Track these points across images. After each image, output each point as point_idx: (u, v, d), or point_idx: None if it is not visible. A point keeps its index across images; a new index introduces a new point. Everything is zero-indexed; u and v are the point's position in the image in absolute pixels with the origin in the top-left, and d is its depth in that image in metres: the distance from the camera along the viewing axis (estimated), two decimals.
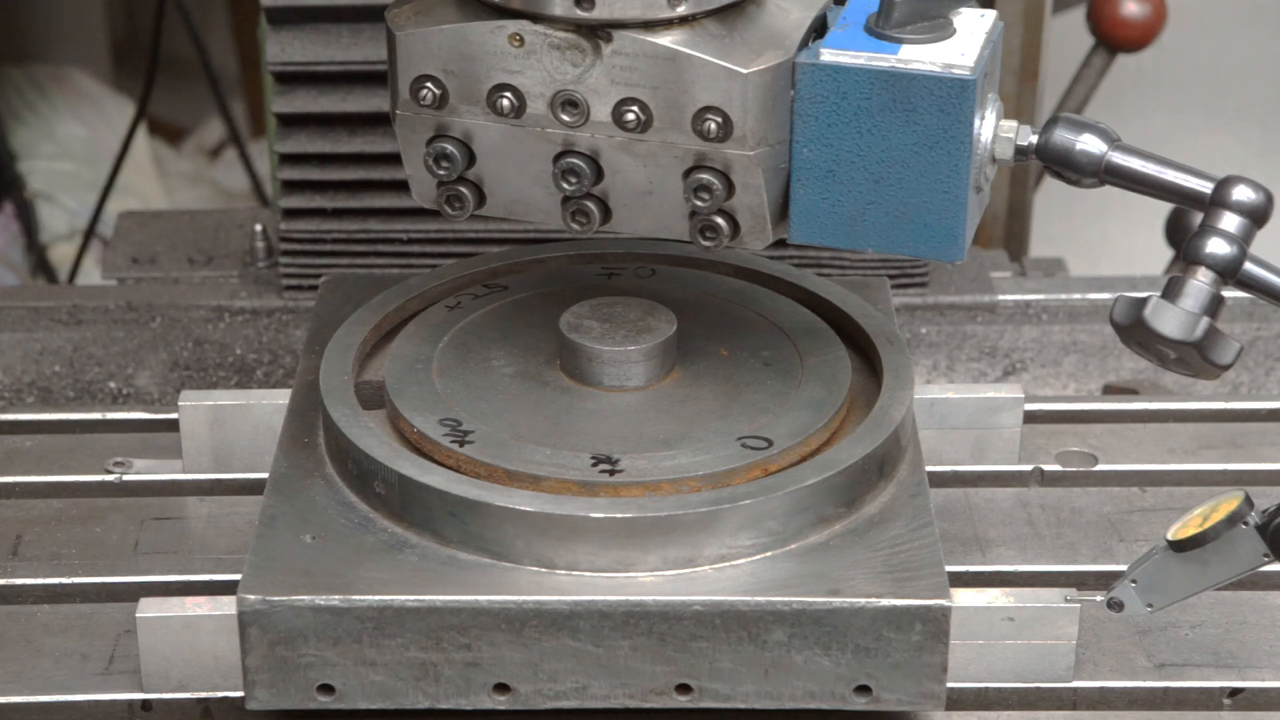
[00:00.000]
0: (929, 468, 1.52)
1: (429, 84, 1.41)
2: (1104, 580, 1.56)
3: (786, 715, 1.39)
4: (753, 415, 1.48)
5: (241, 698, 1.39)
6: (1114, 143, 1.39)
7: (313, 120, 1.95)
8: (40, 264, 3.18)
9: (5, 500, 1.64)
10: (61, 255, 3.18)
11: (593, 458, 1.43)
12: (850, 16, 1.39)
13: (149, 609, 1.41)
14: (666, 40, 1.36)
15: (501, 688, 1.37)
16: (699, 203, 1.39)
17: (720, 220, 1.40)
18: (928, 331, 2.03)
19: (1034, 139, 1.39)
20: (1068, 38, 2.47)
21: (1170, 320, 1.30)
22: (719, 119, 1.36)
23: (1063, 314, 2.04)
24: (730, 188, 1.39)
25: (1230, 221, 1.33)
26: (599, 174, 1.41)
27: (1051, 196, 2.72)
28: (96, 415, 1.76)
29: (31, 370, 2.00)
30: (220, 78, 2.95)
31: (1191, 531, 1.36)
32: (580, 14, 1.35)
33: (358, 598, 1.35)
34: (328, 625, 1.35)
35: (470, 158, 1.44)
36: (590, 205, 1.42)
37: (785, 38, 1.38)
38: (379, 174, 1.96)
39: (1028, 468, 1.67)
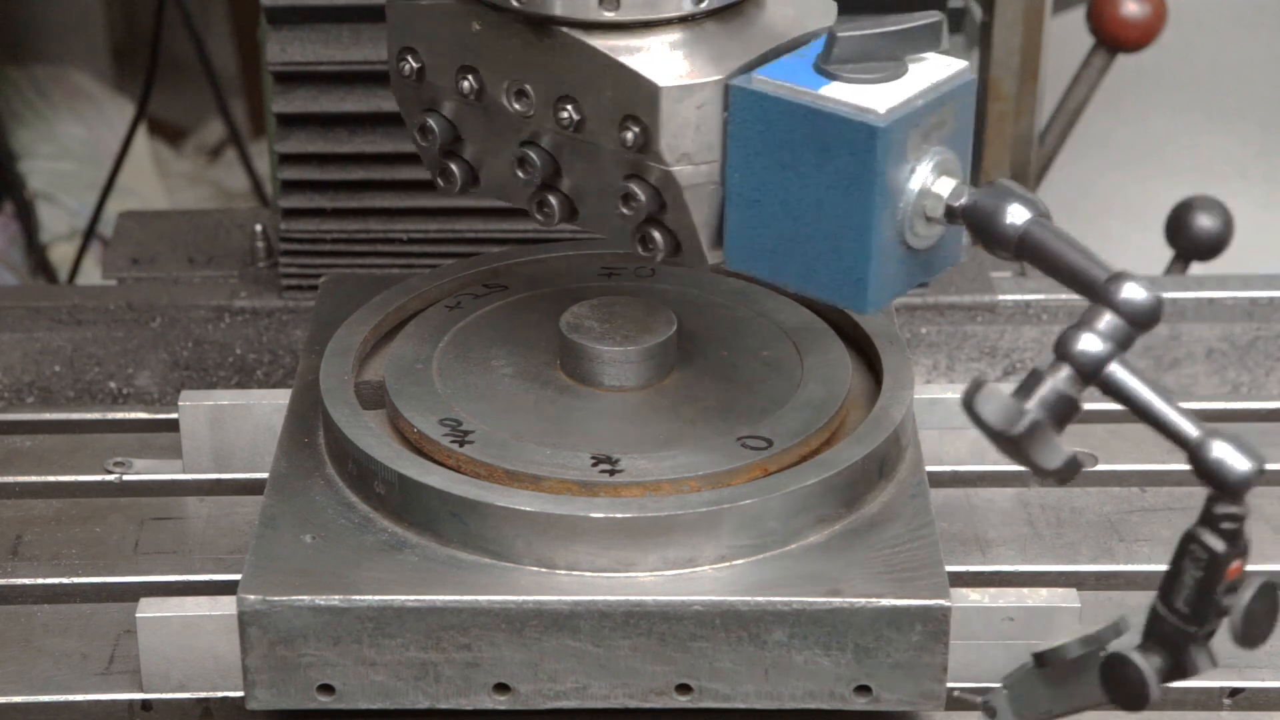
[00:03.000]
0: (929, 468, 1.52)
1: (409, 56, 1.43)
2: (1104, 580, 1.56)
3: (786, 715, 1.39)
4: (753, 415, 1.48)
5: (241, 698, 1.39)
6: (1037, 218, 1.30)
7: (313, 120, 1.95)
8: (40, 264, 3.18)
9: (5, 500, 1.64)
10: (61, 255, 3.18)
11: (593, 458, 1.43)
12: (816, 47, 1.35)
13: (149, 609, 1.41)
14: (599, 42, 1.35)
15: (501, 688, 1.37)
16: (626, 211, 1.37)
17: (657, 234, 1.38)
18: (928, 331, 2.03)
19: (965, 200, 1.32)
20: (1068, 38, 2.47)
21: (992, 408, 1.23)
22: (637, 128, 1.35)
23: (1063, 314, 2.04)
24: (661, 202, 1.38)
25: (1107, 321, 1.25)
26: (556, 168, 1.41)
27: (1051, 196, 2.72)
28: (96, 415, 1.76)
29: (31, 370, 2.00)
30: (220, 78, 2.96)
31: (1052, 646, 1.30)
32: (521, 7, 1.35)
33: (358, 598, 1.35)
34: (328, 625, 1.35)
35: (456, 135, 1.44)
36: (551, 198, 1.42)
37: (742, 57, 1.36)
38: (379, 174, 1.96)
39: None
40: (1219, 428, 1.22)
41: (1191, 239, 2.23)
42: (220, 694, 1.43)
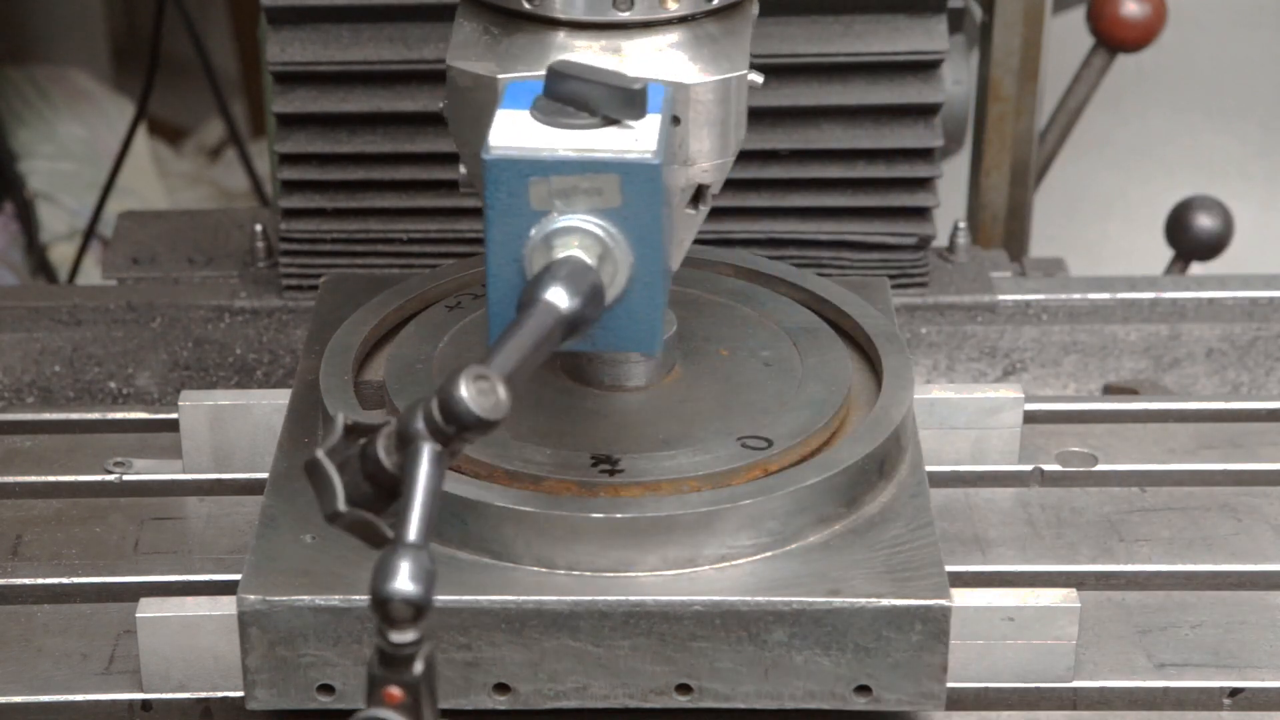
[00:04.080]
0: (929, 468, 1.52)
1: None
2: (1104, 580, 1.56)
3: (786, 715, 1.39)
4: (753, 415, 1.48)
5: (241, 698, 1.39)
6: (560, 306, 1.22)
7: (313, 120, 1.95)
8: (40, 264, 3.18)
9: (5, 500, 1.64)
10: (61, 255, 3.18)
11: (593, 458, 1.43)
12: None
13: (149, 609, 1.41)
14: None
15: (501, 688, 1.37)
16: None
17: None
18: (928, 331, 2.03)
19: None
20: (1068, 38, 2.47)
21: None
22: None
23: (1063, 314, 2.04)
24: None
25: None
26: None
27: (1052, 196, 2.72)
28: (96, 415, 1.76)
29: (31, 370, 2.00)
30: (220, 78, 2.95)
31: None
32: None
33: (358, 598, 1.35)
34: (328, 625, 1.35)
35: None
36: None
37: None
38: (379, 174, 1.96)
39: (1028, 468, 1.66)
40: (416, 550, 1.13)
41: (1191, 239, 2.23)
42: (220, 694, 1.43)
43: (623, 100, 1.26)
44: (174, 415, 1.66)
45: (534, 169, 1.24)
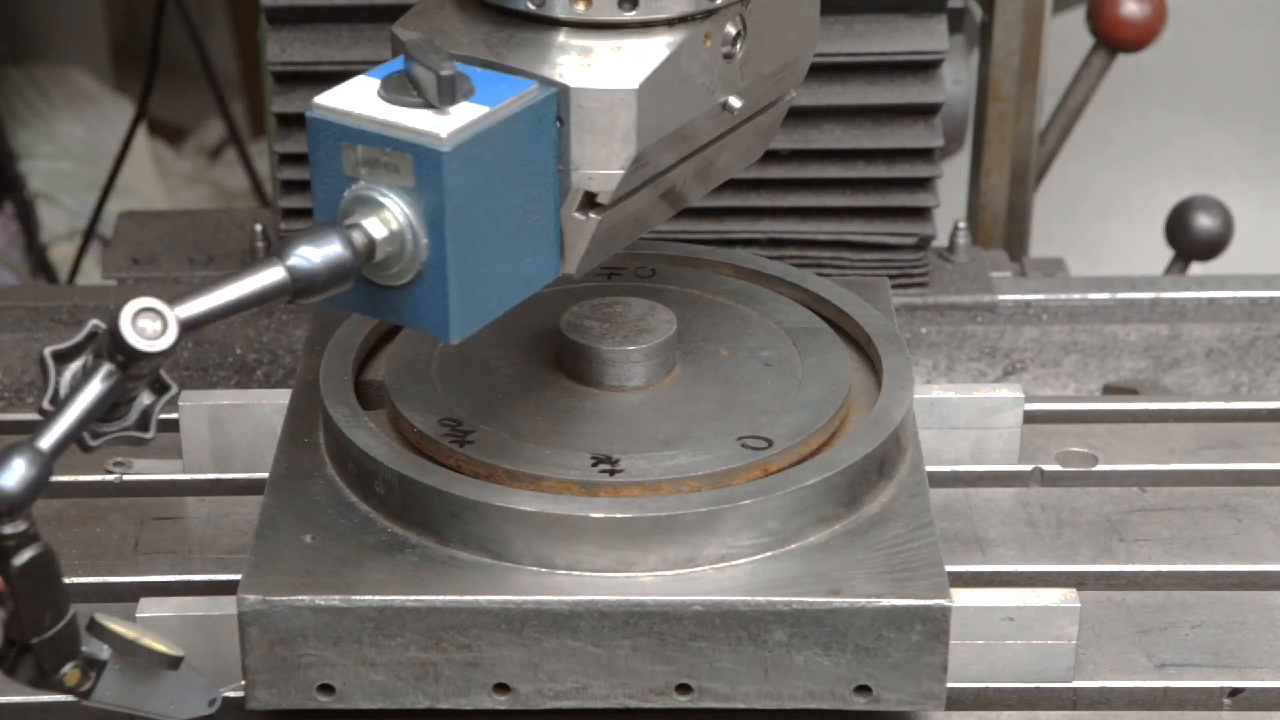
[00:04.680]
0: (929, 468, 1.52)
1: None
2: (1104, 580, 1.56)
3: (786, 715, 1.39)
4: (753, 415, 1.48)
5: (241, 698, 1.39)
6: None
7: None
8: (40, 264, 3.18)
9: None
10: (61, 255, 3.18)
11: (593, 458, 1.43)
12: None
13: (149, 609, 1.41)
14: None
15: (501, 688, 1.37)
16: None
17: None
18: (928, 331, 2.03)
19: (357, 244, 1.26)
20: (1068, 38, 2.47)
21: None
22: None
23: (1063, 314, 2.04)
24: None
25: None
26: None
27: (1051, 196, 2.73)
28: None
29: (31, 370, 2.00)
30: (220, 78, 2.96)
31: (116, 629, 1.28)
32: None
33: (358, 598, 1.35)
34: (328, 625, 1.35)
35: None
36: None
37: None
38: None
39: (1028, 468, 1.66)
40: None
41: (1191, 239, 2.23)
42: (220, 694, 1.42)
43: (435, 85, 1.26)
44: (174, 415, 1.66)
45: (343, 135, 1.27)
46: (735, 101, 1.39)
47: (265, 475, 1.48)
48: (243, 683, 1.38)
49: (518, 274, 1.34)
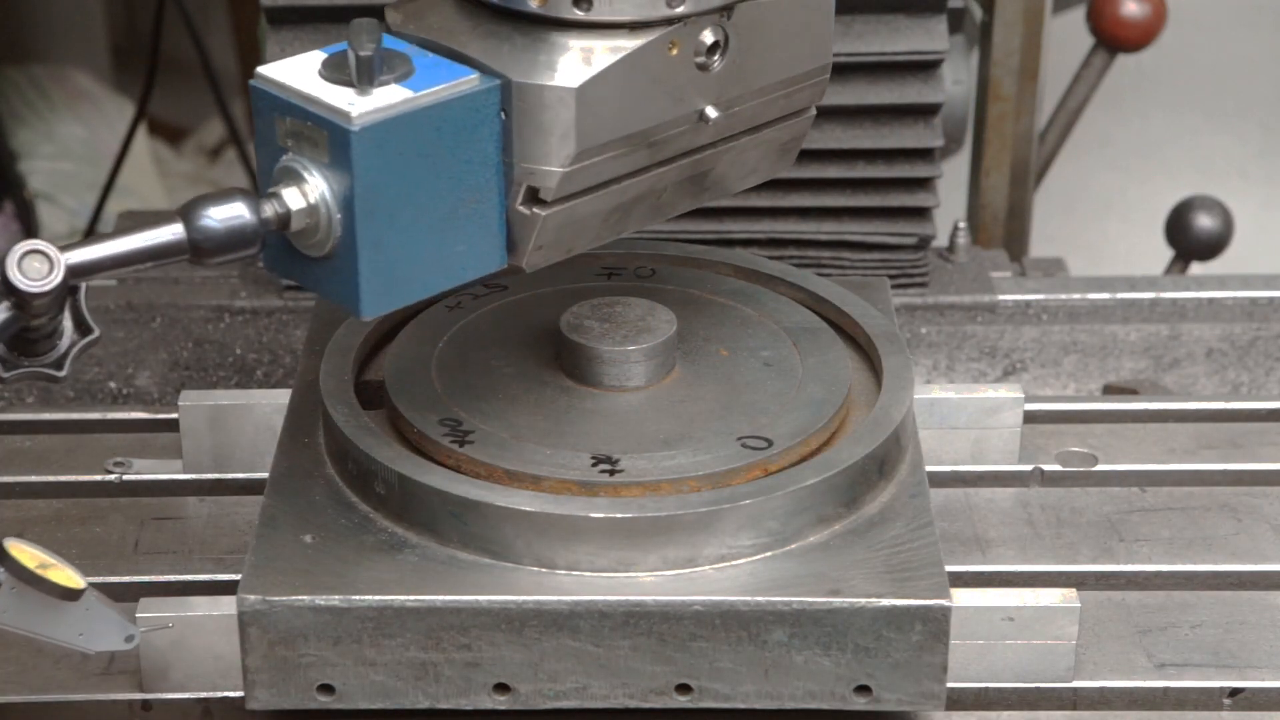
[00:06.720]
0: (929, 468, 1.52)
1: None
2: (1104, 580, 1.56)
3: (786, 715, 1.39)
4: (753, 415, 1.48)
5: (241, 698, 1.39)
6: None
7: None
8: None
9: (5, 500, 1.64)
10: None
11: (593, 458, 1.43)
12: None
13: (149, 609, 1.41)
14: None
15: (501, 688, 1.37)
16: None
17: None
18: (928, 331, 2.03)
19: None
20: (1068, 38, 2.47)
21: None
22: None
23: (1063, 314, 2.04)
24: None
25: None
26: None
27: (1051, 196, 2.73)
28: (96, 415, 1.76)
29: None
30: (220, 78, 2.95)
31: (17, 554, 1.30)
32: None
33: (358, 598, 1.35)
34: (328, 625, 1.35)
35: None
36: None
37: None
38: None
39: (1028, 468, 1.67)
40: None
41: (1191, 239, 2.23)
42: (220, 694, 1.43)
43: (354, 65, 1.28)
44: (174, 415, 1.66)
45: (275, 106, 1.29)
46: (712, 112, 1.38)
47: (265, 475, 1.48)
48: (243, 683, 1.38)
49: (450, 260, 1.34)
